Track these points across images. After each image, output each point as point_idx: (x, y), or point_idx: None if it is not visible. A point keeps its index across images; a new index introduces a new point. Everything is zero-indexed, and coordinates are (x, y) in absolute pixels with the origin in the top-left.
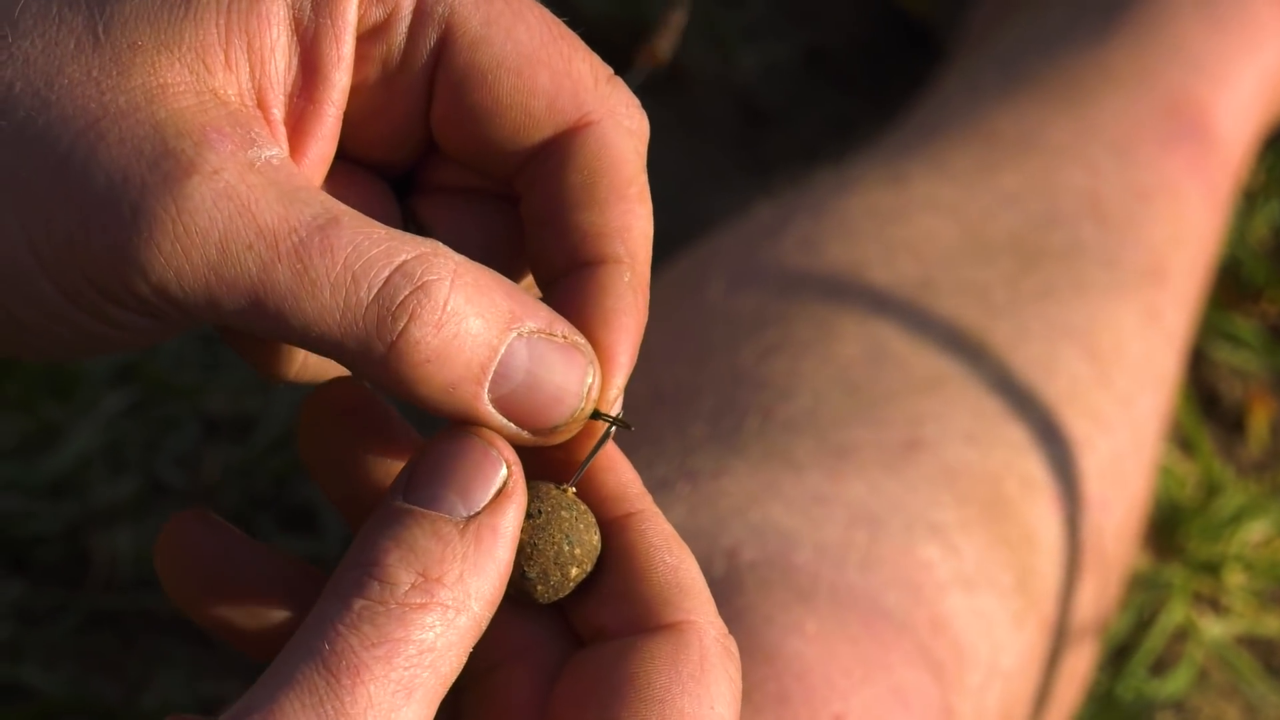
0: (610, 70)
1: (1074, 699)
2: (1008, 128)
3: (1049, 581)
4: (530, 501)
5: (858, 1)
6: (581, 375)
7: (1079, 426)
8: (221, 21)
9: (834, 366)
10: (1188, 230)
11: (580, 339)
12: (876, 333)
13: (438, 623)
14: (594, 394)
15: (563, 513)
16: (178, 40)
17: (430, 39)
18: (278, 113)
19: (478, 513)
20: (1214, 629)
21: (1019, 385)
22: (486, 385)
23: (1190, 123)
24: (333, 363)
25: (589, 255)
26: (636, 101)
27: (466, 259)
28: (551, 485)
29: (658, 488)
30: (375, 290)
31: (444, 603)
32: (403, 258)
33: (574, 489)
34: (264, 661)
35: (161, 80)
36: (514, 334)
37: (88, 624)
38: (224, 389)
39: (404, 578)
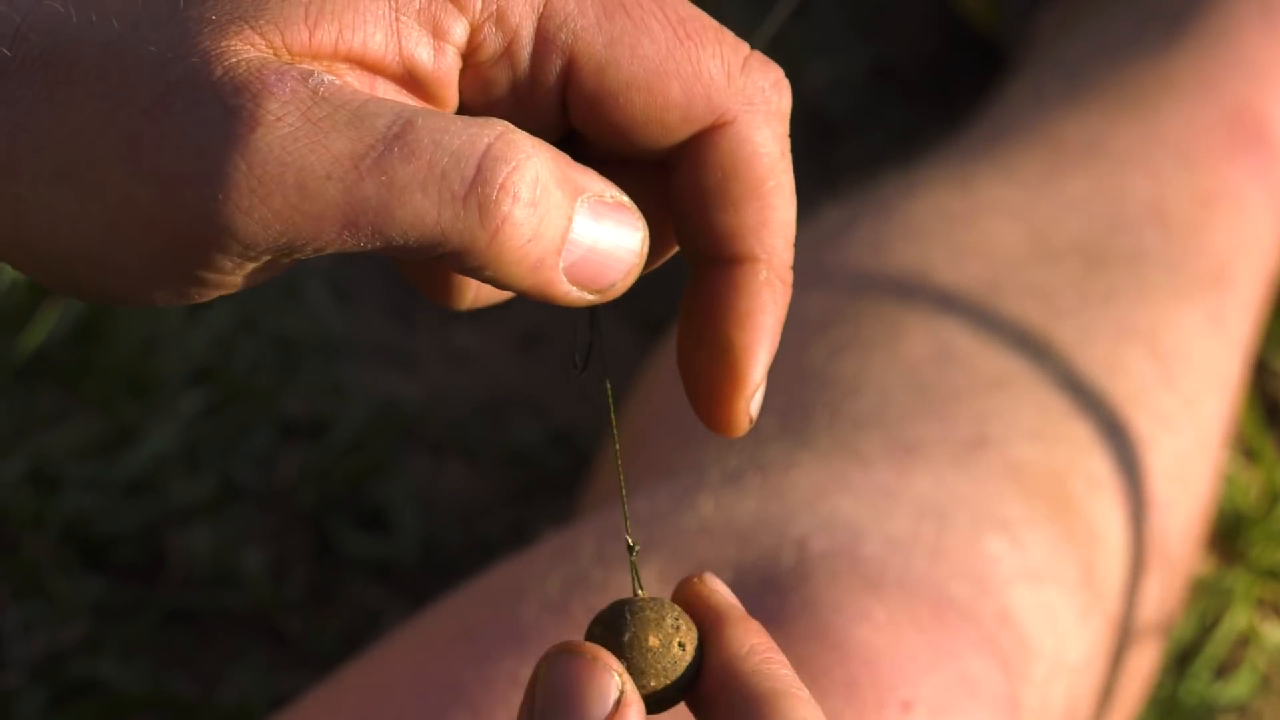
0: (745, 52)
1: (1137, 699)
2: (1073, 134)
3: (1113, 578)
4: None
5: (925, 15)
6: (634, 231)
7: (1144, 426)
8: (314, 6)
9: (901, 365)
10: (1251, 238)
11: (626, 198)
12: (943, 333)
13: None
14: (645, 248)
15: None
16: (258, 13)
17: (556, 65)
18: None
19: None
20: (1276, 635)
21: (1084, 385)
22: (562, 256)
23: (1253, 131)
24: (504, 293)
25: (726, 254)
26: (774, 77)
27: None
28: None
29: (728, 480)
30: (469, 180)
31: None
32: (487, 140)
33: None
34: None
35: (222, 46)
36: (579, 201)
37: (164, 621)
38: (300, 392)
39: None
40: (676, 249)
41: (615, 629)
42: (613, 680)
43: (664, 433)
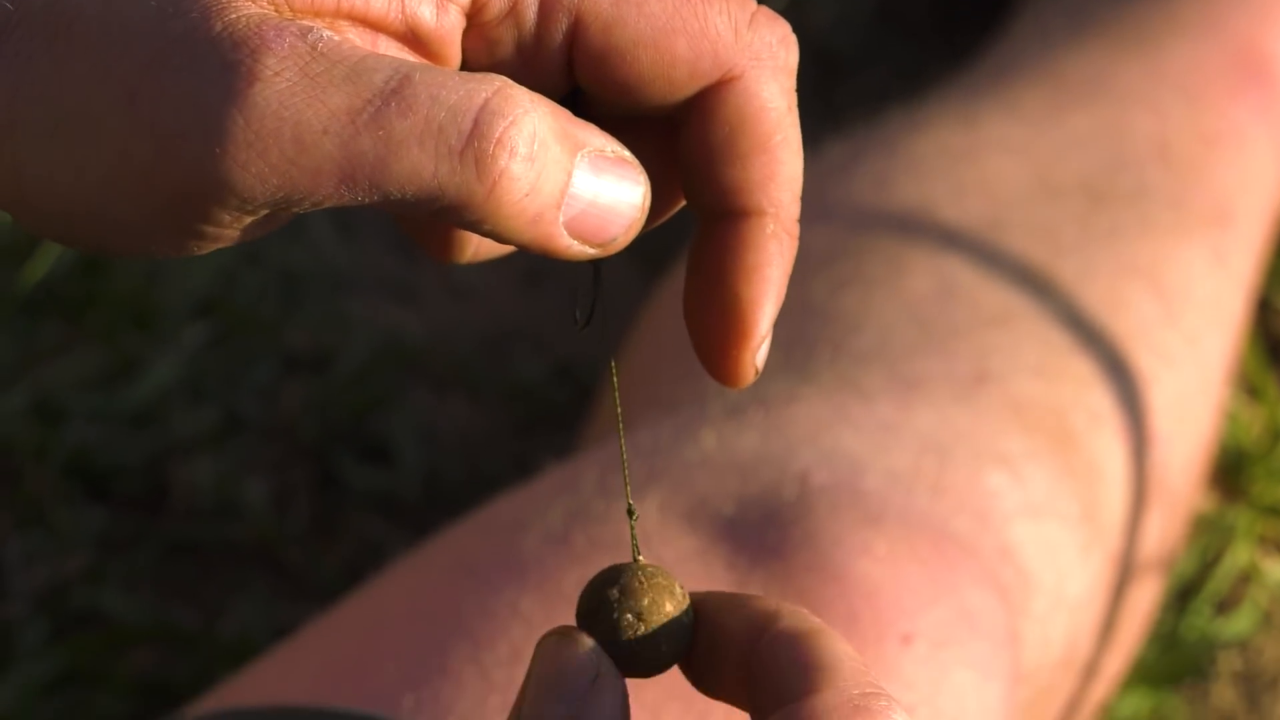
0: (752, 8)
1: (1138, 634)
2: (1077, 72)
3: (1114, 514)
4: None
5: None
6: (635, 185)
7: (1146, 362)
8: None
9: (904, 301)
10: (1254, 176)
11: (627, 153)
12: (946, 268)
13: None
14: (647, 203)
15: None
16: None
17: (562, 24)
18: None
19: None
20: (1277, 571)
21: (1086, 321)
22: (562, 210)
23: (1257, 70)
24: (504, 247)
25: (733, 207)
26: (781, 33)
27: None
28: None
29: (731, 414)
30: (466, 134)
31: None
32: (484, 95)
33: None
34: None
35: (222, 2)
36: (579, 155)
37: (166, 552)
38: (303, 324)
39: None
40: (682, 204)
41: (607, 594)
42: (589, 657)
43: (666, 367)
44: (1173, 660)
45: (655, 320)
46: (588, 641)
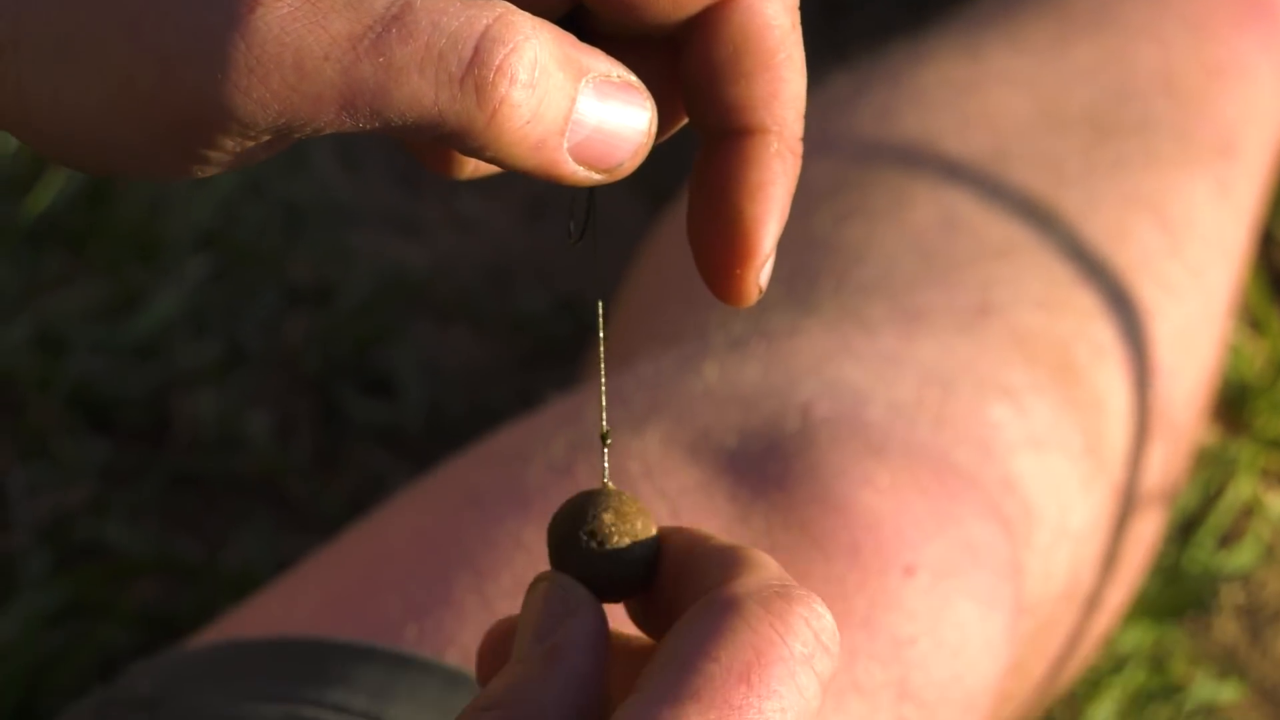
0: None
1: (1140, 566)
2: (1082, 3)
3: (1118, 446)
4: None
5: None
6: (641, 110)
7: (1149, 294)
8: None
9: (907, 233)
10: (1258, 108)
11: (633, 77)
12: (950, 201)
13: None
14: (653, 127)
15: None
16: None
17: None
18: None
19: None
20: None
21: (1090, 253)
22: (566, 136)
23: (1261, 2)
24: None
25: (736, 126)
26: None
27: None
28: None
29: (733, 346)
30: (466, 61)
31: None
32: (485, 22)
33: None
34: None
35: None
36: (584, 81)
37: (170, 484)
38: (306, 257)
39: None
40: (684, 122)
41: (575, 517)
42: (559, 593)
43: (669, 299)
44: (1175, 593)
45: (657, 253)
46: (562, 579)
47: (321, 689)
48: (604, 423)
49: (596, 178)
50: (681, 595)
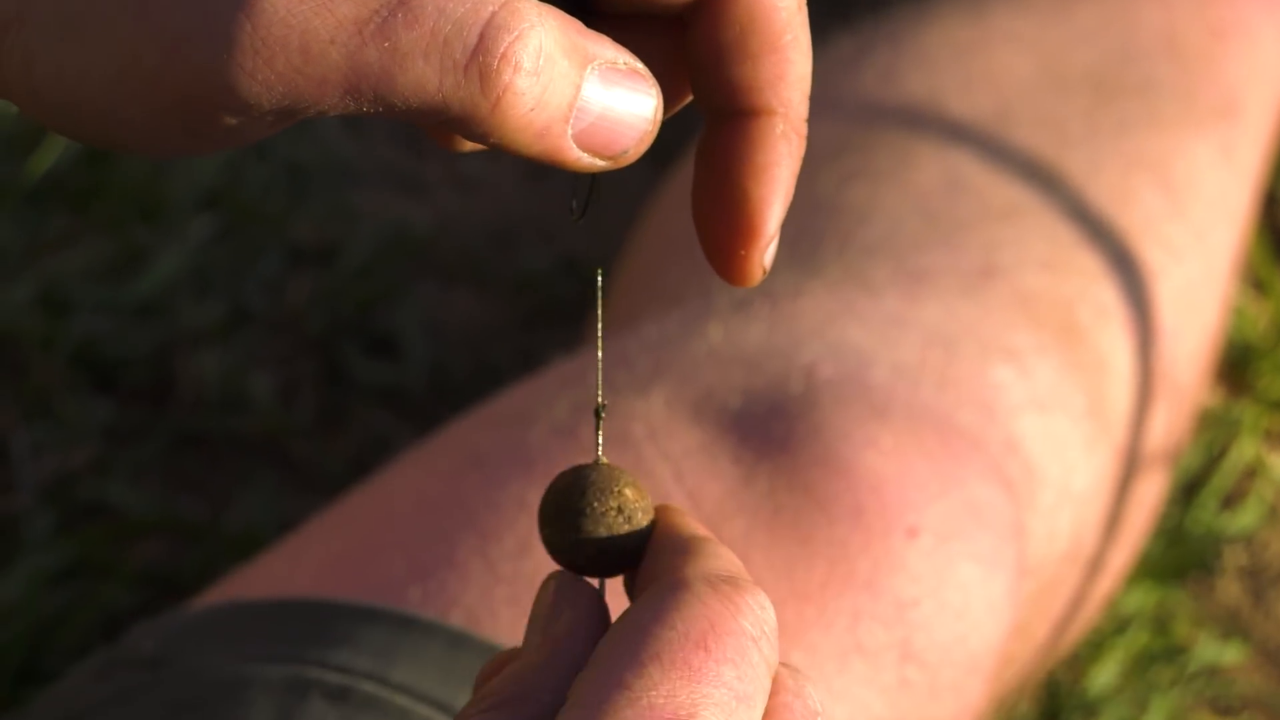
0: None
1: (1144, 527)
2: None
3: (1121, 407)
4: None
5: None
6: (647, 97)
7: (1153, 256)
8: None
9: (911, 194)
10: (1262, 69)
11: (640, 64)
12: (954, 162)
13: None
14: (659, 115)
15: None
16: None
17: None
18: None
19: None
20: None
21: (1094, 215)
22: (571, 123)
23: None
24: None
25: (742, 107)
26: None
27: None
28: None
29: (737, 308)
30: (471, 48)
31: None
32: (491, 9)
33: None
34: None
35: None
36: (589, 68)
37: (173, 444)
38: (309, 217)
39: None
40: (689, 99)
41: (569, 492)
42: (554, 586)
43: (673, 261)
44: (1178, 555)
45: (661, 214)
46: (563, 575)
47: (324, 649)
48: (600, 396)
49: (601, 164)
50: (643, 579)
